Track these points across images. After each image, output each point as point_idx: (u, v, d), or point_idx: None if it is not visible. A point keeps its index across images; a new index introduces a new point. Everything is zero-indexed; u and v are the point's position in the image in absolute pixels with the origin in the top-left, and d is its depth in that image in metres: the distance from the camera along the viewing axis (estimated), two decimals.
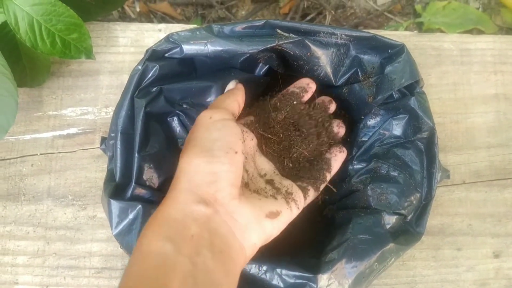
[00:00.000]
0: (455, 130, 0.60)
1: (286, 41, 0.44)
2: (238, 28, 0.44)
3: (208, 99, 0.45)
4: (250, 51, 0.43)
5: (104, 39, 0.62)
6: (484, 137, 0.60)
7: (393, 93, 0.46)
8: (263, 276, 0.41)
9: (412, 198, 0.45)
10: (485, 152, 0.60)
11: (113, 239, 0.56)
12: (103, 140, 0.53)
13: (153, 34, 0.62)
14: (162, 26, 0.62)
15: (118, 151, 0.41)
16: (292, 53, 0.45)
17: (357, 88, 0.48)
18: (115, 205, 0.39)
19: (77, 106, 0.60)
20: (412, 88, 0.46)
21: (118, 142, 0.42)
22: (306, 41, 0.44)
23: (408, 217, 0.45)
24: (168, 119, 0.45)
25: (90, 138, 0.59)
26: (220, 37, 0.43)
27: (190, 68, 0.46)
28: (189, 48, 0.43)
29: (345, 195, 0.48)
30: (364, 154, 0.48)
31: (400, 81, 0.45)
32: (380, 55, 0.46)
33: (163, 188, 0.43)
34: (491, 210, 0.59)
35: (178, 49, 0.44)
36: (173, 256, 0.32)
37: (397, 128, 0.47)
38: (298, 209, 0.42)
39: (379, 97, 0.46)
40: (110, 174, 0.43)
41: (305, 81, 0.50)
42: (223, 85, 0.45)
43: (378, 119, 0.48)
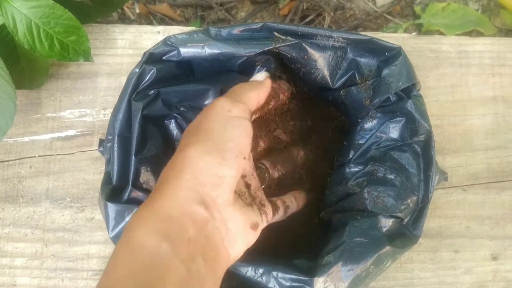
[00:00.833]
0: (453, 132, 0.60)
1: (283, 44, 0.44)
2: (236, 31, 0.44)
3: (206, 102, 0.45)
4: (248, 54, 0.44)
5: (103, 41, 0.62)
6: (482, 140, 0.60)
7: (390, 96, 0.46)
8: (259, 279, 0.41)
9: (409, 201, 0.45)
10: (483, 155, 0.60)
11: (111, 241, 0.56)
12: (101, 142, 0.53)
13: (151, 36, 0.62)
14: (160, 28, 0.62)
15: (115, 154, 0.42)
16: (289, 56, 0.45)
17: (354, 91, 0.48)
18: (112, 208, 0.39)
19: (76, 108, 0.60)
20: (409, 91, 0.46)
21: (115, 145, 0.42)
22: (303, 44, 0.45)
23: (405, 220, 0.45)
24: (165, 122, 0.45)
25: (89, 140, 0.59)
26: (217, 40, 0.43)
27: (187, 71, 0.46)
28: (186, 51, 0.43)
29: (342, 198, 0.48)
30: (361, 157, 0.48)
31: (397, 84, 0.45)
32: (377, 58, 0.46)
33: None
34: (489, 213, 0.59)
35: (175, 52, 0.44)
36: (169, 259, 0.30)
37: (394, 131, 0.47)
38: (267, 222, 0.41)
39: (376, 100, 0.46)
40: (107, 177, 0.43)
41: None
42: (222, 88, 0.45)
43: (375, 122, 0.48)
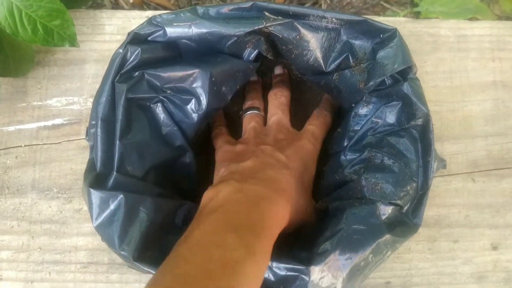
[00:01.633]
0: (452, 118, 0.59)
1: (274, 23, 0.42)
2: (224, 10, 0.42)
3: (194, 85, 0.43)
4: (237, 33, 0.42)
5: (90, 27, 0.60)
6: (482, 126, 0.59)
7: (385, 79, 0.44)
8: None
9: (408, 187, 0.43)
10: (482, 141, 0.58)
11: None
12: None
13: (140, 21, 0.58)
14: (149, 13, 0.60)
15: (99, 139, 0.40)
16: (280, 36, 0.43)
17: (348, 74, 0.46)
18: (96, 195, 0.37)
19: (63, 96, 0.58)
20: (405, 73, 0.44)
21: (99, 129, 0.40)
22: (295, 23, 0.43)
23: (405, 208, 0.43)
24: (151, 105, 0.43)
25: (76, 129, 0.57)
26: (205, 19, 0.41)
27: (175, 53, 0.44)
28: (172, 31, 0.41)
29: (339, 186, 0.46)
30: (357, 143, 0.47)
31: (393, 67, 0.43)
32: (372, 40, 0.44)
33: (147, 177, 0.41)
34: (489, 201, 0.57)
35: (161, 32, 0.42)
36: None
37: (390, 115, 0.45)
38: None
39: (371, 83, 0.44)
40: (91, 164, 0.41)
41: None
42: (211, 72, 0.44)
43: (370, 107, 0.46)
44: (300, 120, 0.54)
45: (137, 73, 0.41)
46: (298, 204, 0.45)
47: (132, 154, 0.40)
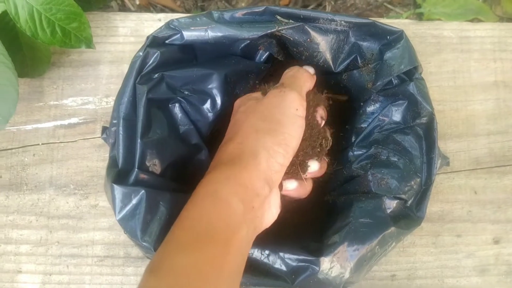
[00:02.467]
0: (455, 117, 0.61)
1: (286, 27, 0.44)
2: (238, 14, 0.44)
3: (209, 86, 0.45)
4: (250, 37, 0.44)
5: (104, 29, 0.62)
6: (484, 124, 0.61)
7: (392, 79, 0.46)
8: (265, 260, 0.42)
9: (412, 182, 0.45)
10: (485, 139, 0.60)
11: (115, 227, 0.57)
12: (104, 129, 0.53)
13: (152, 23, 0.62)
14: (161, 15, 0.62)
15: (121, 137, 0.42)
16: (292, 39, 0.45)
17: (356, 75, 0.48)
18: (118, 190, 0.39)
19: (78, 96, 0.60)
20: (411, 74, 0.46)
21: (121, 128, 0.42)
22: (306, 27, 0.45)
23: (409, 202, 0.45)
24: (169, 105, 0.45)
25: (91, 128, 0.59)
26: (220, 23, 0.43)
27: (191, 55, 0.46)
28: (189, 34, 0.43)
29: (346, 181, 0.48)
30: (364, 140, 0.49)
31: (399, 67, 0.45)
32: (379, 42, 0.46)
33: (165, 173, 0.43)
34: (491, 197, 0.59)
35: (178, 35, 0.44)
36: (240, 218, 0.37)
37: (396, 114, 0.47)
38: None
39: (378, 83, 0.46)
40: (112, 161, 0.43)
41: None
42: (226, 73, 0.46)
43: (377, 105, 0.48)
44: None
45: (156, 75, 0.43)
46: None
47: (152, 151, 0.42)
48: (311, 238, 0.44)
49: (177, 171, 0.44)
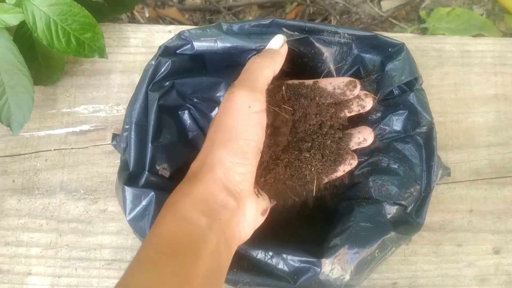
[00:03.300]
0: (456, 129, 0.62)
1: (291, 38, 0.46)
2: (246, 26, 0.46)
3: (218, 94, 0.47)
4: (258, 48, 0.46)
5: (116, 40, 0.64)
6: (484, 136, 0.62)
7: (393, 90, 0.48)
8: (269, 261, 0.43)
9: (412, 189, 0.47)
10: (485, 151, 0.62)
11: (123, 232, 0.58)
12: (114, 136, 0.55)
13: (163, 35, 0.64)
14: (172, 27, 0.64)
15: (132, 142, 0.44)
16: (297, 50, 0.47)
17: None
18: (129, 191, 0.41)
19: (90, 104, 0.62)
20: (412, 85, 0.48)
21: (133, 133, 0.44)
22: (311, 38, 0.47)
23: (408, 208, 0.47)
24: (179, 112, 0.47)
25: (102, 135, 0.61)
26: (229, 34, 0.45)
27: (200, 65, 0.49)
28: (199, 45, 0.46)
29: (348, 187, 0.50)
30: (365, 148, 0.50)
31: (400, 78, 0.47)
32: (381, 54, 0.48)
33: (175, 177, 0.45)
34: (491, 207, 0.60)
35: (189, 45, 0.46)
36: (205, 230, 0.36)
37: (397, 123, 0.49)
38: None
39: (380, 93, 0.48)
40: (124, 164, 0.45)
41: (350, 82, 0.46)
42: (233, 81, 0.47)
43: (378, 114, 0.50)
44: None
45: (167, 82, 0.45)
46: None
47: (161, 155, 0.44)
48: (313, 241, 0.46)
49: (185, 175, 0.46)
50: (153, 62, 0.45)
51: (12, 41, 0.53)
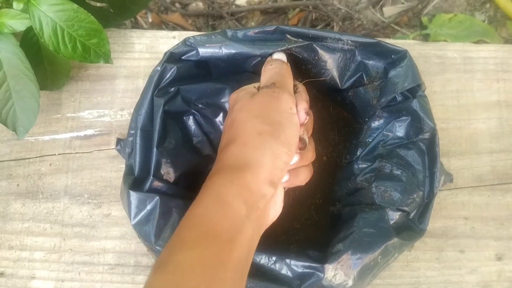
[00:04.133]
0: (458, 135, 0.62)
1: (295, 45, 0.46)
2: (251, 33, 0.47)
3: (222, 100, 0.47)
4: (262, 54, 0.46)
5: (121, 45, 0.64)
6: (487, 143, 0.62)
7: (396, 96, 0.48)
8: (272, 266, 0.44)
9: (415, 195, 0.47)
10: (487, 157, 0.62)
11: (126, 236, 0.58)
12: (119, 141, 0.56)
13: (167, 41, 0.64)
14: (176, 33, 0.65)
15: (138, 147, 0.44)
16: (300, 56, 0.48)
17: (362, 92, 0.50)
18: (134, 196, 0.41)
19: (94, 109, 0.62)
20: (414, 91, 0.48)
21: (138, 138, 0.44)
22: (314, 45, 0.47)
23: (411, 214, 0.47)
24: (184, 117, 0.48)
25: (106, 140, 0.61)
26: (233, 41, 0.46)
27: (205, 71, 0.49)
28: (204, 51, 0.46)
29: (351, 193, 0.50)
30: (369, 154, 0.51)
31: (403, 85, 0.47)
32: (384, 61, 0.49)
33: (179, 182, 0.45)
34: (494, 214, 0.60)
35: (194, 52, 0.47)
36: (244, 219, 0.38)
37: (400, 129, 0.49)
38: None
39: (383, 100, 0.48)
40: (129, 169, 0.45)
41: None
42: (237, 87, 0.48)
43: (381, 121, 0.50)
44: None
45: (173, 88, 0.46)
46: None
47: (166, 160, 0.44)
48: (317, 246, 0.46)
49: (189, 180, 0.47)
50: (159, 68, 0.46)
51: (18, 46, 0.54)
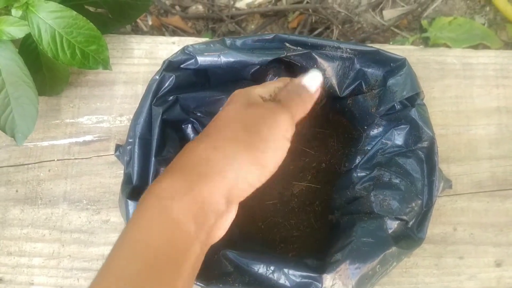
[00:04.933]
0: (458, 141, 0.62)
1: (294, 53, 0.46)
2: (249, 41, 0.47)
3: (221, 109, 0.47)
4: (260, 62, 0.46)
5: (120, 51, 0.64)
6: (486, 149, 0.62)
7: (395, 105, 0.48)
8: (270, 276, 0.43)
9: (414, 204, 0.47)
10: (487, 163, 0.62)
11: None
12: (118, 147, 0.56)
13: (167, 46, 0.64)
14: (175, 39, 0.65)
15: (136, 155, 0.44)
16: (299, 65, 0.48)
17: (361, 100, 0.50)
18: (132, 205, 0.42)
19: (93, 115, 0.62)
20: (413, 100, 0.48)
21: (136, 146, 0.44)
22: (313, 53, 0.47)
23: (410, 223, 0.47)
24: (183, 126, 0.48)
25: (105, 145, 0.61)
26: (232, 49, 0.46)
27: (203, 79, 0.49)
28: (203, 60, 0.46)
29: (349, 202, 0.50)
30: (367, 162, 0.51)
31: (402, 93, 0.47)
32: (383, 69, 0.49)
33: None
34: (493, 220, 0.60)
35: (193, 60, 0.47)
36: (193, 239, 0.34)
37: (398, 138, 0.49)
38: None
39: (382, 108, 0.48)
40: (127, 178, 0.45)
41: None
42: None
43: (380, 129, 0.50)
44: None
45: (171, 97, 0.46)
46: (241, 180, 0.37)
47: (165, 169, 0.44)
48: (315, 256, 0.46)
49: None
50: (157, 77, 0.46)
51: (17, 53, 0.54)
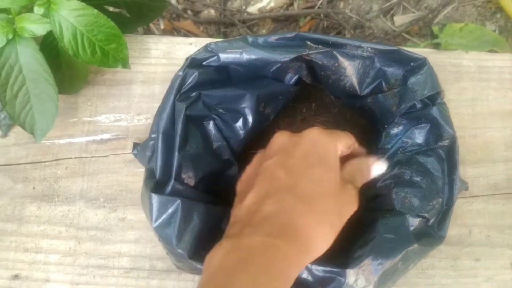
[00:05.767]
0: (474, 144, 0.62)
1: (315, 51, 0.47)
2: (271, 39, 0.47)
3: (242, 105, 0.48)
4: (282, 60, 0.47)
5: (137, 51, 0.65)
6: (502, 151, 0.62)
7: (416, 103, 0.49)
8: None
9: (434, 202, 0.47)
10: (503, 166, 0.62)
11: (141, 240, 0.59)
12: (135, 145, 0.56)
13: (184, 47, 0.65)
14: (193, 39, 0.65)
15: (159, 150, 0.44)
16: (320, 63, 0.48)
17: (381, 99, 0.50)
18: (156, 199, 0.42)
19: (111, 113, 0.63)
20: (434, 99, 0.48)
21: (160, 141, 0.45)
22: (334, 52, 0.48)
23: (431, 221, 0.47)
24: (204, 122, 0.48)
25: (122, 144, 0.62)
26: (254, 47, 0.46)
27: (225, 76, 0.50)
28: (225, 57, 0.47)
29: (371, 199, 0.50)
30: (388, 160, 0.51)
31: (422, 92, 0.47)
32: (403, 68, 0.49)
33: (199, 186, 0.46)
34: (509, 222, 0.60)
35: (215, 57, 0.47)
36: None
37: (419, 136, 0.49)
38: None
39: (402, 107, 0.49)
40: (150, 173, 0.46)
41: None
42: (258, 94, 0.49)
43: (401, 128, 0.51)
44: None
45: (194, 93, 0.46)
46: (323, 227, 0.39)
47: (187, 164, 0.44)
48: (338, 251, 0.46)
49: (209, 184, 0.47)
50: (181, 73, 0.46)
51: (38, 50, 0.54)
